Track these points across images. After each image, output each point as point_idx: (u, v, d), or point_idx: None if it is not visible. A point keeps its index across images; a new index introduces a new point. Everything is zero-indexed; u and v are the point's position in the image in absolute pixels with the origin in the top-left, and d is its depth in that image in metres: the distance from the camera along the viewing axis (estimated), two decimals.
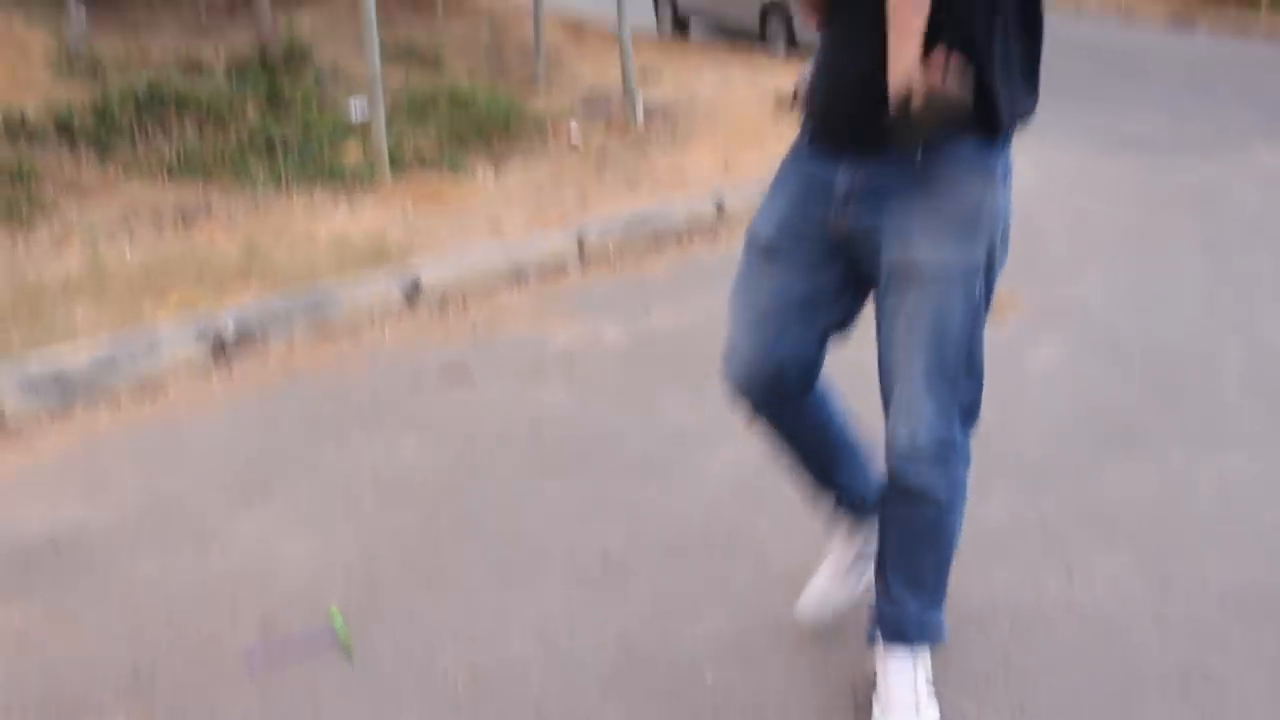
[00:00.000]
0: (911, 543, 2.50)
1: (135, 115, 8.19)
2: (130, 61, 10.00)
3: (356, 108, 8.59)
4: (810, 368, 2.55)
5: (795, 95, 2.50)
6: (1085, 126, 9.59)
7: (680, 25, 16.50)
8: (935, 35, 2.09)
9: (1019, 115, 2.27)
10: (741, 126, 8.97)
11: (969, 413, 2.43)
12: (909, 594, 2.54)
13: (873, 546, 2.82)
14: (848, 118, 2.28)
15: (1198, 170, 8.30)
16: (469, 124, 8.80)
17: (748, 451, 3.74)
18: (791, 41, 13.39)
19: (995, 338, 4.94)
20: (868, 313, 2.48)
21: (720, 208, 6.81)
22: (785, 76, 11.15)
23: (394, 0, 13.58)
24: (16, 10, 10.84)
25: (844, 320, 2.52)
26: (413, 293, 5.46)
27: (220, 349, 4.82)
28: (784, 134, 6.48)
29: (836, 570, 2.99)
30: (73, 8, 10.50)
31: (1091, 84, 11.76)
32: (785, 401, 2.58)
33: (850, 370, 2.85)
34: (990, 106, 2.19)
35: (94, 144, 7.86)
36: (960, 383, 2.36)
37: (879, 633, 2.62)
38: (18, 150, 7.40)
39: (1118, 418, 4.22)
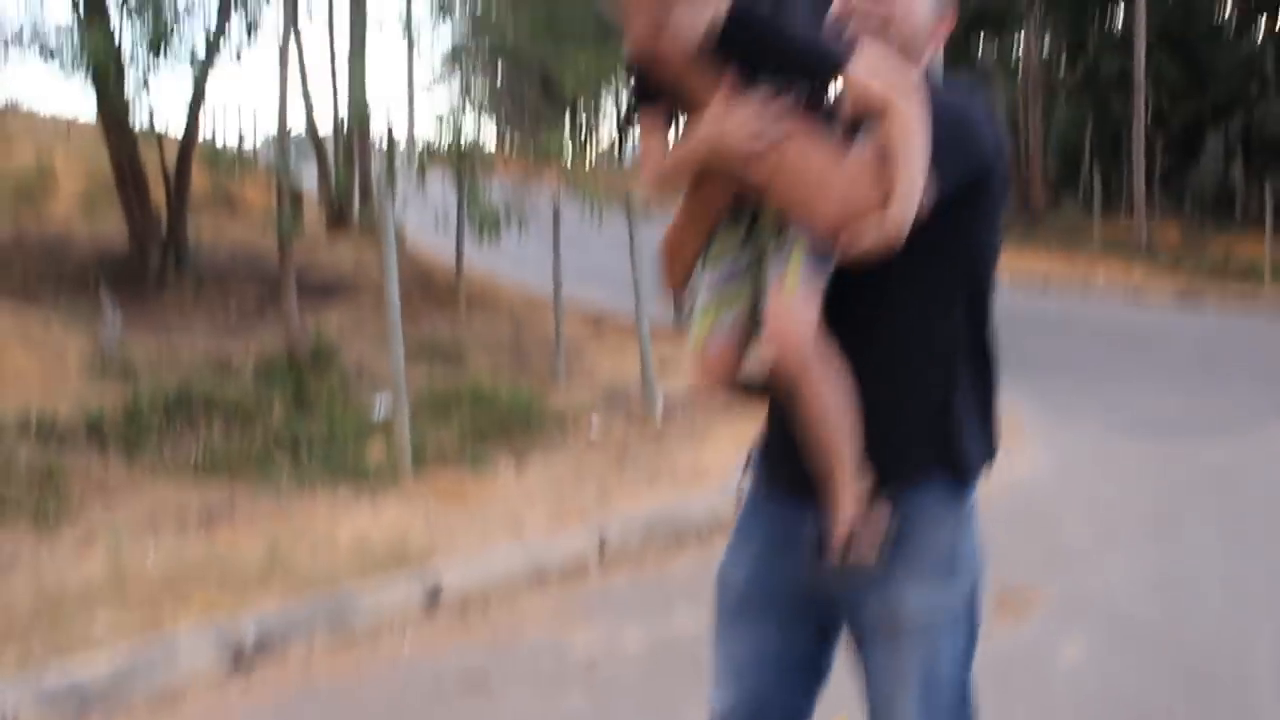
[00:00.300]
0: None
1: (164, 416, 8.34)
2: (162, 362, 10.26)
3: (380, 405, 8.75)
4: (796, 715, 2.46)
5: (739, 499, 2.46)
6: (1100, 407, 9.69)
7: None
8: (895, 409, 2.17)
9: (985, 460, 2.30)
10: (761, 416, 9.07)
11: None
12: None
13: None
14: (804, 466, 2.23)
15: (1215, 451, 8.33)
16: (491, 420, 8.94)
17: None
18: None
19: (1019, 636, 4.90)
20: None
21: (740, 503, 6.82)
22: None
23: (418, 297, 14.00)
24: (55, 311, 11.21)
25: (826, 671, 2.45)
26: (434, 596, 5.44)
27: (240, 656, 4.78)
28: None
29: None
30: (108, 311, 10.86)
31: (1104, 364, 11.94)
32: None
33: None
34: (956, 456, 2.22)
35: (123, 444, 7.99)
36: None
37: None
38: (47, 452, 7.52)
39: (1149, 714, 4.13)
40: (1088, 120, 30.28)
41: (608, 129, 51.73)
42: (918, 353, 2.16)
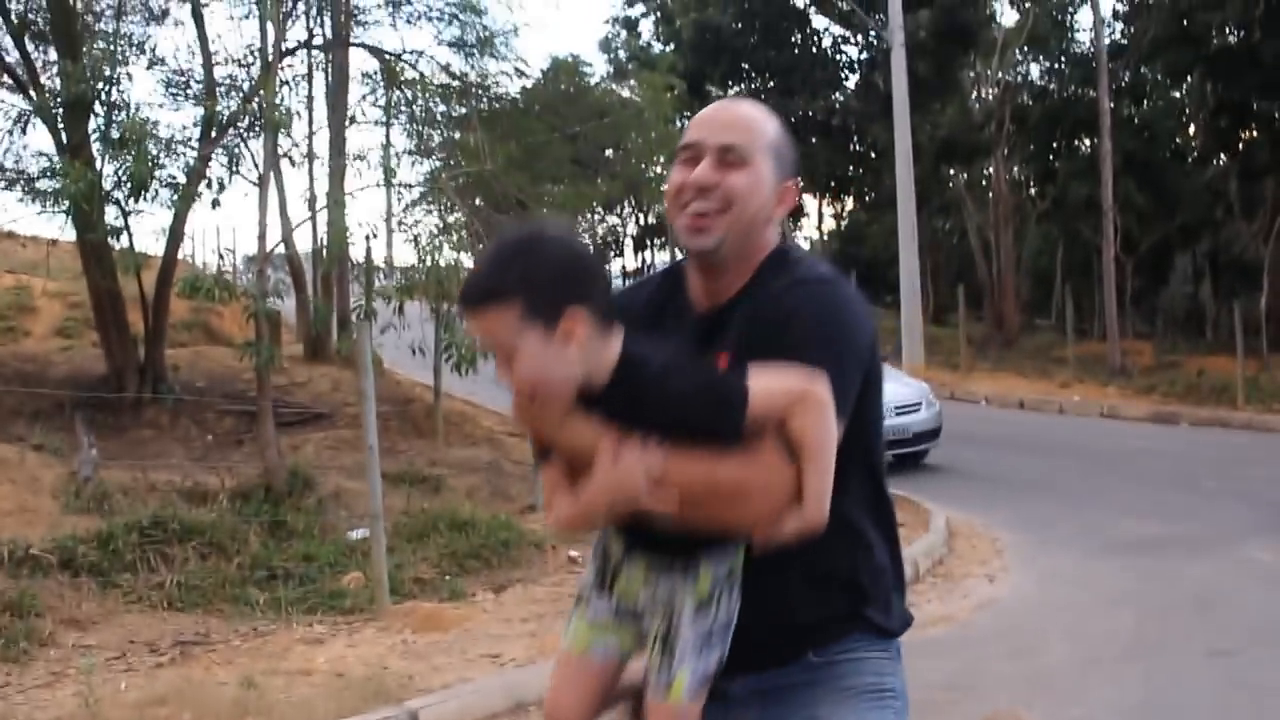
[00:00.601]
0: None
1: (139, 545, 8.25)
2: (137, 490, 10.18)
3: (357, 535, 8.70)
4: None
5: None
6: (1078, 528, 9.70)
7: None
8: (812, 568, 2.18)
9: (905, 619, 2.36)
10: None
11: None
12: None
13: None
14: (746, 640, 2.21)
15: (1194, 571, 8.33)
16: (469, 547, 8.88)
17: None
18: None
19: None
20: None
21: None
22: None
23: (395, 425, 13.99)
24: (30, 440, 11.15)
25: None
26: None
27: None
28: None
29: None
30: (84, 440, 10.82)
31: (1081, 484, 11.97)
32: None
33: None
34: (873, 612, 2.28)
35: (96, 574, 7.90)
36: None
37: None
38: (20, 581, 7.44)
39: None
40: (1058, 244, 30.77)
41: None
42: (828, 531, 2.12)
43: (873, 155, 32.71)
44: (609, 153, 23.27)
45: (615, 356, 2.01)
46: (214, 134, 11.72)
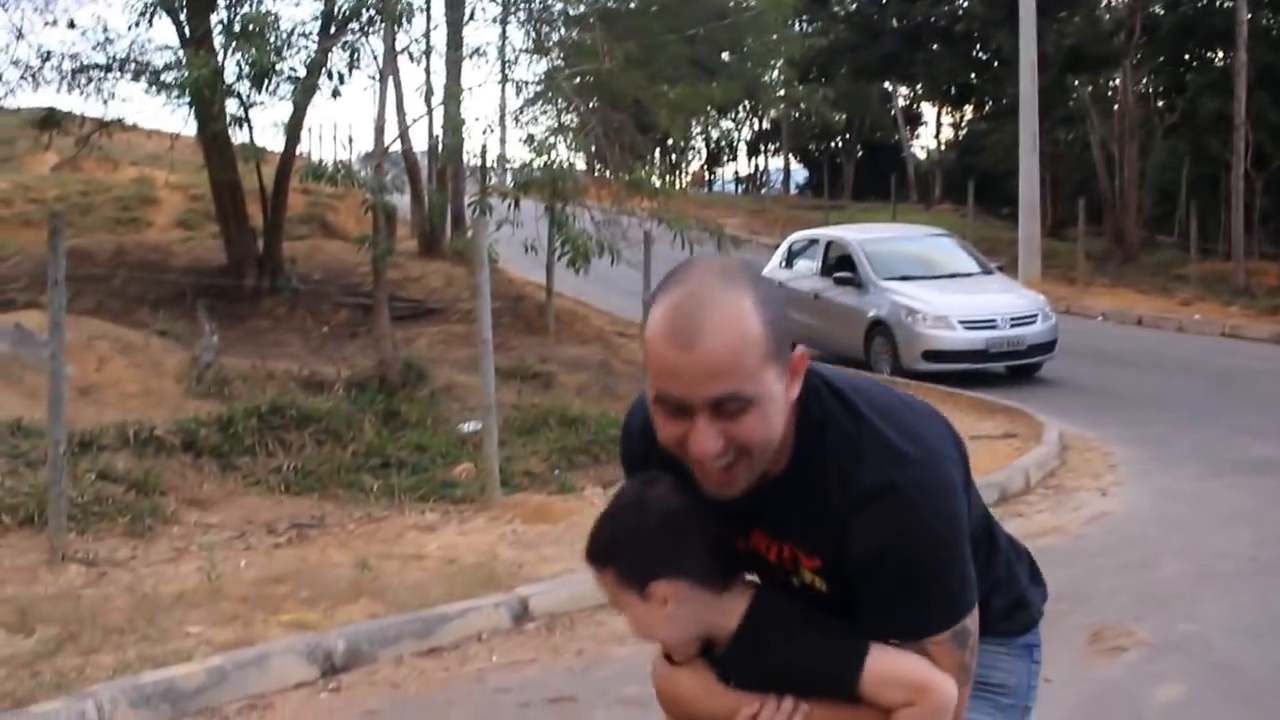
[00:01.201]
0: None
1: (257, 430, 8.47)
2: (256, 378, 10.42)
3: (469, 427, 8.82)
4: None
5: None
6: (1194, 447, 9.50)
7: None
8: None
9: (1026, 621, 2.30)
10: None
11: None
12: None
13: None
14: None
15: None
16: (578, 443, 8.98)
17: None
18: (897, 367, 13.20)
19: (1112, 674, 4.81)
20: None
21: None
22: None
23: (508, 322, 14.12)
24: (153, 327, 11.45)
25: None
26: (521, 615, 5.47)
27: (330, 667, 4.83)
28: None
29: None
30: (205, 327, 11.07)
31: (1199, 403, 11.69)
32: None
33: None
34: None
35: (217, 457, 8.13)
36: None
37: None
38: (144, 463, 7.67)
39: None
40: (1185, 159, 29.84)
41: (698, 162, 51.94)
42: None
43: (995, 64, 31.83)
44: (726, 55, 22.99)
45: (738, 618, 2.02)
46: (334, 29, 11.78)
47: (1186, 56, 28.29)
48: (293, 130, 14.40)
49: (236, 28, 11.00)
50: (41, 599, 5.47)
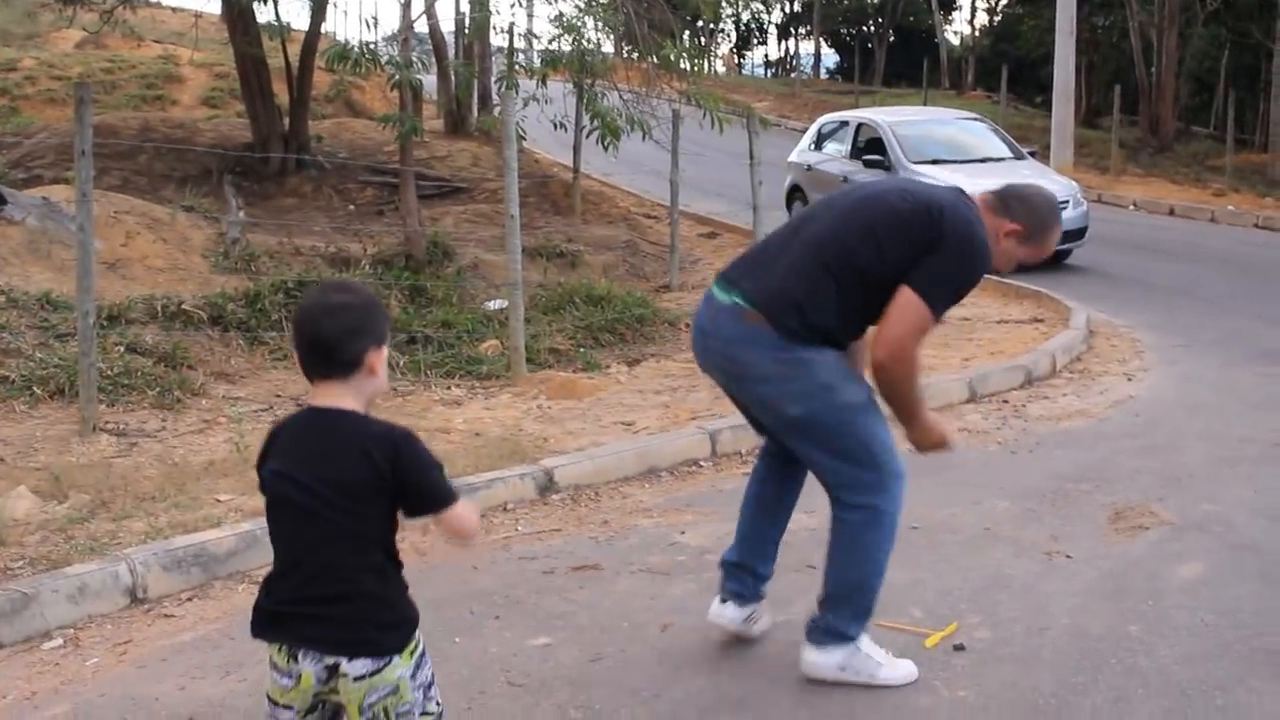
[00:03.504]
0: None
1: (284, 305, 8.49)
2: (282, 255, 10.43)
3: (494, 305, 8.82)
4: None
5: None
6: (1222, 336, 9.44)
7: None
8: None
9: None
10: None
11: None
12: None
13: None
14: None
15: None
16: (604, 322, 8.98)
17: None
18: None
19: (1133, 550, 4.82)
20: None
21: None
22: None
23: (534, 201, 14.05)
24: (180, 202, 11.43)
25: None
26: (546, 486, 5.51)
27: None
28: None
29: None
30: (231, 203, 11.05)
31: (1228, 292, 11.59)
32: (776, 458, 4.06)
33: None
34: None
35: (244, 331, 8.16)
36: None
37: None
38: (172, 337, 7.71)
39: (1264, 639, 4.04)
40: (1225, 48, 29.26)
41: (728, 45, 51.21)
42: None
43: None
44: None
45: None
46: None
47: None
48: (318, 6, 14.22)
49: None
50: (74, 467, 5.54)
